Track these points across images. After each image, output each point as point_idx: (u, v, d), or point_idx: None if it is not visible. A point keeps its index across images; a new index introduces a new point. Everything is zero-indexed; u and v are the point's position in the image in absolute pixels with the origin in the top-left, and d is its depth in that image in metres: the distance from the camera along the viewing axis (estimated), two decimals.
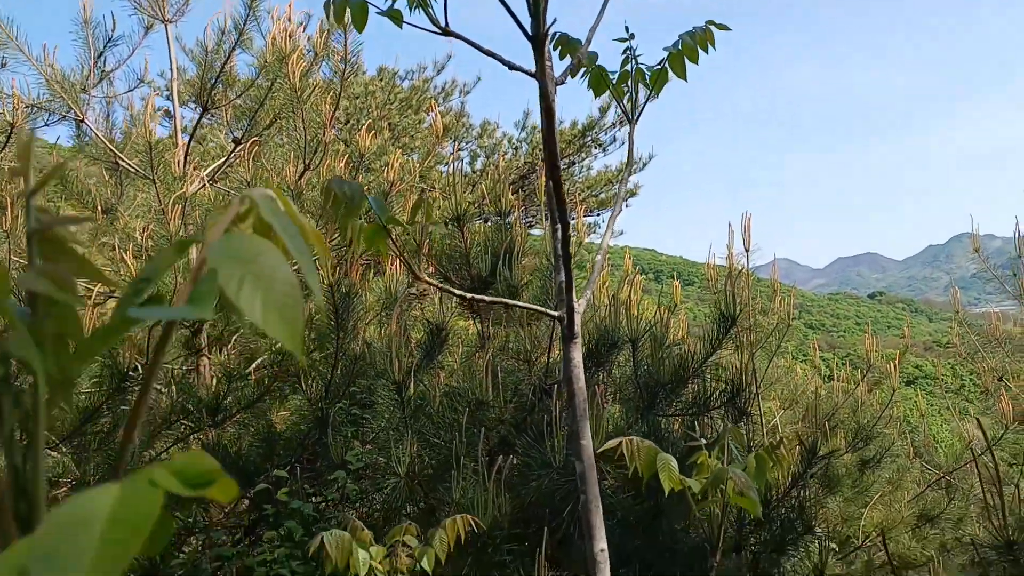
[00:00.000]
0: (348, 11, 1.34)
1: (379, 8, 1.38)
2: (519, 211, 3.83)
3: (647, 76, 1.64)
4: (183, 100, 5.92)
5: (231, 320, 4.04)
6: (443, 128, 5.99)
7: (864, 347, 4.65)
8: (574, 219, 4.50)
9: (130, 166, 4.14)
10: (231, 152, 4.60)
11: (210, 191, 4.19)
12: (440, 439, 2.88)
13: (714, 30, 1.63)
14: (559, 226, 1.29)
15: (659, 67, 1.62)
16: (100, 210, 4.14)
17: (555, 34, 1.56)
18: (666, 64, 1.60)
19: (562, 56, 1.57)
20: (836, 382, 4.84)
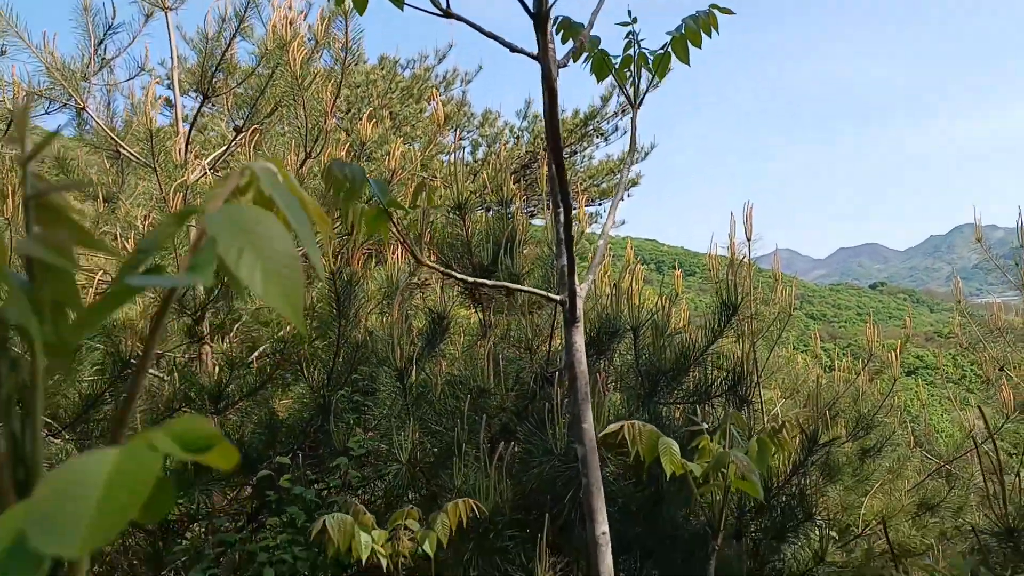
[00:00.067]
0: None
1: None
2: (520, 200, 3.83)
3: (650, 60, 1.63)
4: (184, 89, 5.89)
5: (233, 308, 4.05)
6: (444, 117, 5.97)
7: (865, 337, 4.64)
8: (576, 208, 4.49)
9: (131, 154, 4.14)
10: (232, 140, 4.59)
11: (211, 179, 4.18)
12: (442, 426, 2.89)
13: (717, 14, 1.62)
14: (561, 208, 1.28)
15: (662, 51, 1.60)
16: (101, 199, 4.14)
17: (557, 17, 1.54)
18: (669, 48, 1.59)
19: (564, 40, 1.55)
20: (837, 372, 4.85)
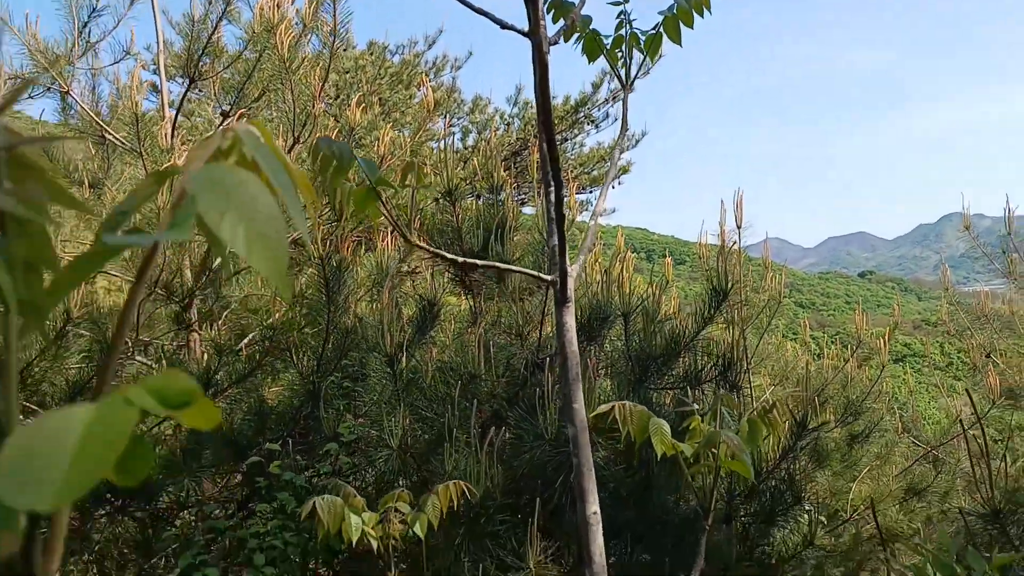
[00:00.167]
0: None
1: None
2: (511, 187, 3.82)
3: (641, 41, 1.62)
4: (170, 74, 5.82)
5: (222, 295, 4.02)
6: (434, 103, 5.92)
7: (854, 325, 4.68)
8: (567, 196, 4.48)
9: (117, 140, 4.09)
10: (219, 126, 4.54)
11: None
12: (433, 412, 2.88)
13: None
14: (552, 186, 1.26)
15: (654, 31, 1.59)
16: (87, 184, 4.09)
17: None
18: (661, 28, 1.58)
19: (555, 19, 1.54)
20: (826, 359, 4.88)
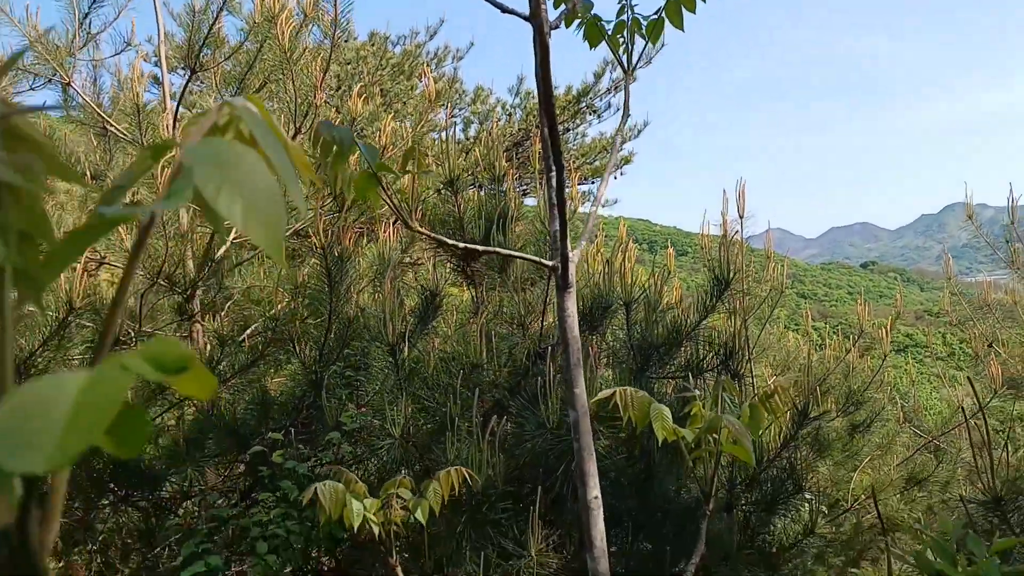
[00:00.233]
0: None
1: None
2: (513, 178, 3.81)
3: (643, 26, 1.61)
4: (171, 66, 5.80)
5: (224, 286, 4.03)
6: (436, 94, 5.90)
7: (856, 315, 4.67)
8: (569, 187, 4.47)
9: (118, 131, 4.08)
10: None
11: None
12: (435, 402, 2.89)
13: None
14: (554, 171, 1.26)
15: (656, 16, 1.58)
16: (89, 176, 4.09)
17: None
18: (663, 13, 1.57)
19: (556, 4, 1.53)
20: (828, 350, 4.88)
